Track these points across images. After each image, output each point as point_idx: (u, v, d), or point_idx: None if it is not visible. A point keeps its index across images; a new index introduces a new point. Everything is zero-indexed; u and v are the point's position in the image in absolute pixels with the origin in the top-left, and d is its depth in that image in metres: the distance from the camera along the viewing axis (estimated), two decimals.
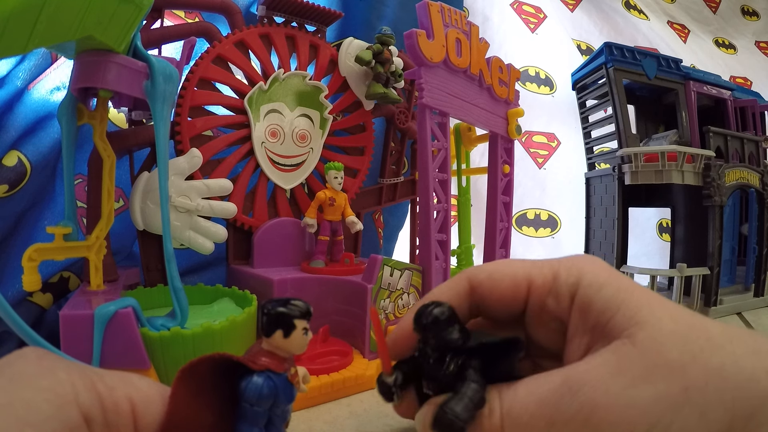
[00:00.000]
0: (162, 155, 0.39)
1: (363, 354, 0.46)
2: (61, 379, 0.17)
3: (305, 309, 0.21)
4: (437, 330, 0.24)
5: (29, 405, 0.16)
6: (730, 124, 0.86)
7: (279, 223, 0.55)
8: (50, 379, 0.17)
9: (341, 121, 0.61)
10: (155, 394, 0.19)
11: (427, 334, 0.24)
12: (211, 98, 0.52)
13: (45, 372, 0.17)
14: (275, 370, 0.20)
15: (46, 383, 0.17)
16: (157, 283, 0.50)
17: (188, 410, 0.19)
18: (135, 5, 0.33)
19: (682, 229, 0.87)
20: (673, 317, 0.22)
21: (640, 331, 0.21)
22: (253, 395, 0.19)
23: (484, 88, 0.59)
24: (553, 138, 1.17)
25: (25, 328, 0.28)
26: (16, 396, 0.16)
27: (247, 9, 0.66)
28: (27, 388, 0.16)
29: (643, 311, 0.22)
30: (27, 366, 0.17)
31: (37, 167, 0.51)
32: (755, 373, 0.20)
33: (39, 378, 0.17)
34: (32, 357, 0.18)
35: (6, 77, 0.51)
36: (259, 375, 0.20)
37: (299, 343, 0.21)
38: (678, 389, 0.20)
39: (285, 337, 0.20)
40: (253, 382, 0.19)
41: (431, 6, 0.50)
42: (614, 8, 1.35)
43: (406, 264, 0.50)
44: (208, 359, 0.20)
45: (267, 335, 0.21)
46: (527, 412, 0.21)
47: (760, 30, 1.63)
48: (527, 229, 1.10)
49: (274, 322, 0.20)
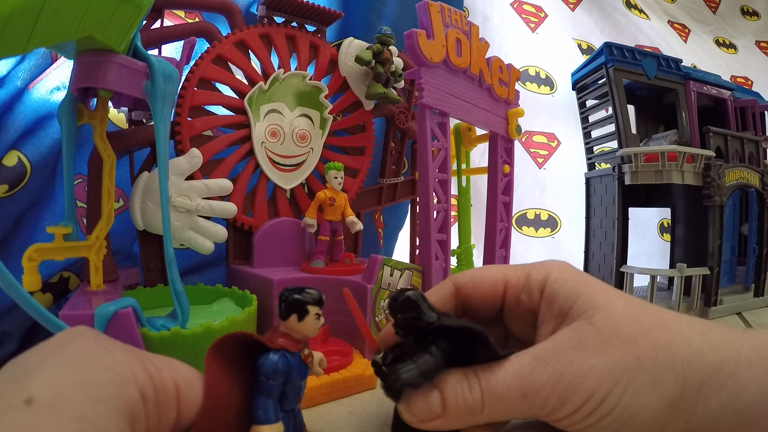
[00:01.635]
0: (162, 155, 0.39)
1: (363, 354, 0.46)
2: (119, 359, 0.18)
3: (318, 296, 0.24)
4: (404, 313, 0.27)
5: (96, 383, 0.17)
6: (730, 124, 0.86)
7: (279, 223, 0.55)
8: (110, 358, 0.18)
9: (341, 121, 0.61)
10: (194, 377, 0.21)
11: (396, 316, 0.27)
12: (211, 98, 0.52)
13: (104, 352, 0.18)
14: (290, 349, 0.23)
15: (107, 363, 0.18)
16: (157, 283, 0.50)
17: (222, 386, 0.21)
18: (135, 5, 0.33)
19: (682, 229, 0.87)
20: (626, 302, 0.25)
21: (597, 313, 0.25)
22: (269, 370, 0.21)
23: (484, 88, 0.59)
24: (553, 138, 1.16)
25: (44, 312, 0.29)
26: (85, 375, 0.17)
27: (247, 9, 0.65)
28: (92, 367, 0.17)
29: (599, 297, 0.25)
30: (87, 345, 0.18)
31: (37, 167, 0.51)
32: (702, 348, 0.23)
33: (100, 357, 0.18)
34: (89, 336, 0.19)
35: (6, 77, 0.51)
36: (275, 353, 0.22)
37: (312, 327, 0.24)
38: (631, 358, 0.23)
39: (299, 321, 0.23)
40: (270, 359, 0.22)
41: (431, 6, 0.50)
42: (615, 7, 1.35)
43: (406, 264, 0.50)
44: (233, 337, 0.22)
45: (283, 319, 0.23)
46: (504, 385, 0.24)
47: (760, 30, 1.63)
48: (527, 229, 1.10)
49: (290, 307, 0.23)
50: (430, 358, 0.26)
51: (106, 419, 0.16)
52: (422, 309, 0.27)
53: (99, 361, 0.18)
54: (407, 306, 0.27)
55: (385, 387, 0.26)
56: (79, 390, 0.16)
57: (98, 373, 0.17)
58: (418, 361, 0.25)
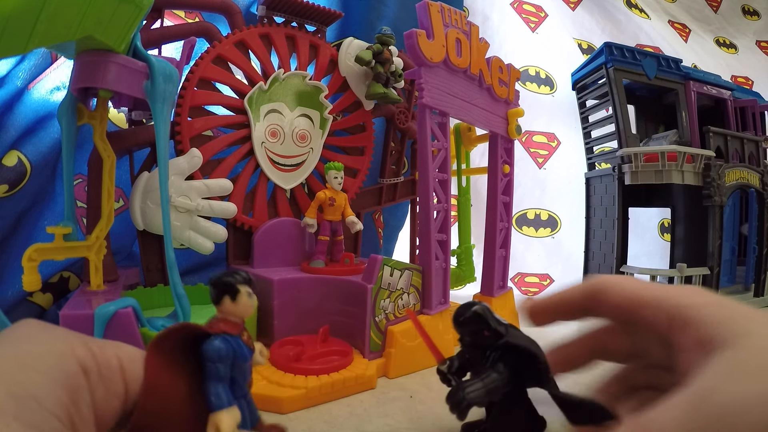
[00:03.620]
0: (162, 155, 0.39)
1: (363, 354, 0.46)
2: (59, 335, 0.20)
3: (247, 276, 0.24)
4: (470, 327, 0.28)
5: (33, 355, 0.18)
6: (730, 124, 0.86)
7: (279, 223, 0.55)
8: (49, 336, 0.20)
9: (341, 121, 0.61)
10: (138, 354, 0.22)
11: (462, 330, 0.28)
12: (211, 98, 0.52)
13: (44, 332, 0.20)
14: (230, 332, 0.23)
15: (46, 338, 0.19)
16: (157, 283, 0.50)
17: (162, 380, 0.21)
18: (135, 5, 0.33)
19: (682, 229, 0.87)
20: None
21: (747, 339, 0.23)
22: (213, 354, 0.22)
23: (484, 88, 0.59)
24: (553, 138, 1.16)
25: None
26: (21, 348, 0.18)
27: (247, 9, 0.65)
28: (30, 343, 0.19)
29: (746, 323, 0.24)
30: (29, 329, 0.20)
31: (37, 167, 0.51)
32: None
33: (40, 336, 0.19)
34: (33, 323, 0.21)
35: (6, 77, 0.51)
36: (216, 337, 0.22)
37: (247, 305, 0.24)
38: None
39: (233, 302, 0.23)
40: (212, 343, 0.22)
41: (431, 6, 0.50)
42: (616, 6, 1.35)
43: (406, 264, 0.50)
44: (172, 331, 0.22)
45: (217, 303, 0.23)
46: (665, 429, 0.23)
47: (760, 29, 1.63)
48: (527, 229, 1.10)
49: (221, 290, 0.23)
50: (498, 377, 0.26)
51: (41, 385, 0.17)
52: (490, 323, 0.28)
53: (37, 338, 0.19)
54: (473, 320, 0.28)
55: (450, 402, 0.26)
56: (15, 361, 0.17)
57: (36, 347, 0.18)
58: (485, 380, 0.26)
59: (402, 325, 0.48)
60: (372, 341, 0.46)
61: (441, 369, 0.31)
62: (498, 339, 0.28)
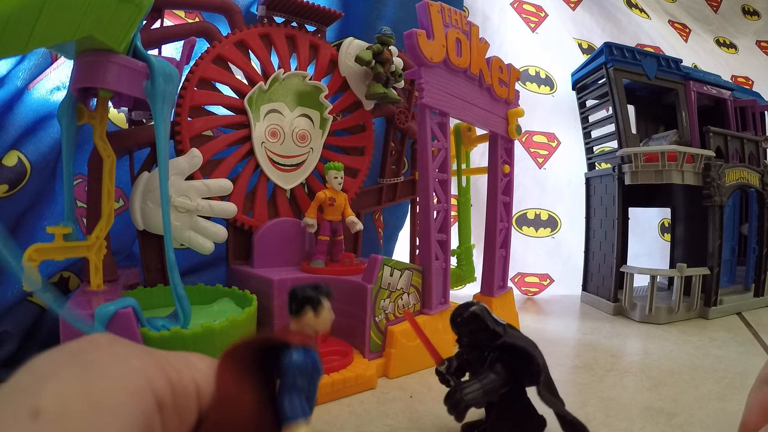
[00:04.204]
0: (162, 155, 0.39)
1: (363, 354, 0.46)
2: (134, 366, 0.18)
3: (329, 290, 0.24)
4: (468, 328, 0.28)
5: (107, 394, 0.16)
6: (730, 124, 0.86)
7: (279, 223, 0.55)
8: (124, 367, 0.17)
9: (341, 121, 0.61)
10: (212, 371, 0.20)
11: (460, 331, 0.28)
12: (211, 98, 0.52)
13: (118, 360, 0.18)
14: (310, 345, 0.23)
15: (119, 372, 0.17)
16: (157, 283, 0.50)
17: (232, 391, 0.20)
18: (135, 5, 0.33)
19: (682, 229, 0.87)
20: None
21: None
22: (296, 367, 0.21)
23: (484, 88, 0.59)
24: (553, 138, 1.16)
25: None
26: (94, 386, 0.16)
27: (247, 9, 0.65)
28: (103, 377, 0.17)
29: None
30: (100, 354, 0.18)
31: (37, 167, 0.51)
32: None
33: (113, 366, 0.17)
34: (104, 343, 0.18)
35: (6, 77, 0.51)
36: (298, 351, 0.22)
37: (327, 320, 0.23)
38: None
39: (315, 316, 0.23)
40: (296, 356, 0.21)
41: (431, 6, 0.50)
42: (616, 6, 1.35)
43: (406, 264, 0.50)
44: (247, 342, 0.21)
45: (297, 315, 0.23)
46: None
47: (761, 29, 1.62)
48: (527, 229, 1.10)
49: (305, 303, 0.23)
50: (496, 378, 0.26)
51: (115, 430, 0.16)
52: (488, 324, 0.28)
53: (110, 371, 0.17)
54: (471, 321, 0.28)
55: (448, 404, 0.26)
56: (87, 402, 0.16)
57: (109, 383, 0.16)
58: (483, 381, 0.26)
59: (402, 325, 0.48)
60: (372, 341, 0.46)
61: (440, 370, 0.31)
62: (496, 339, 0.28)
